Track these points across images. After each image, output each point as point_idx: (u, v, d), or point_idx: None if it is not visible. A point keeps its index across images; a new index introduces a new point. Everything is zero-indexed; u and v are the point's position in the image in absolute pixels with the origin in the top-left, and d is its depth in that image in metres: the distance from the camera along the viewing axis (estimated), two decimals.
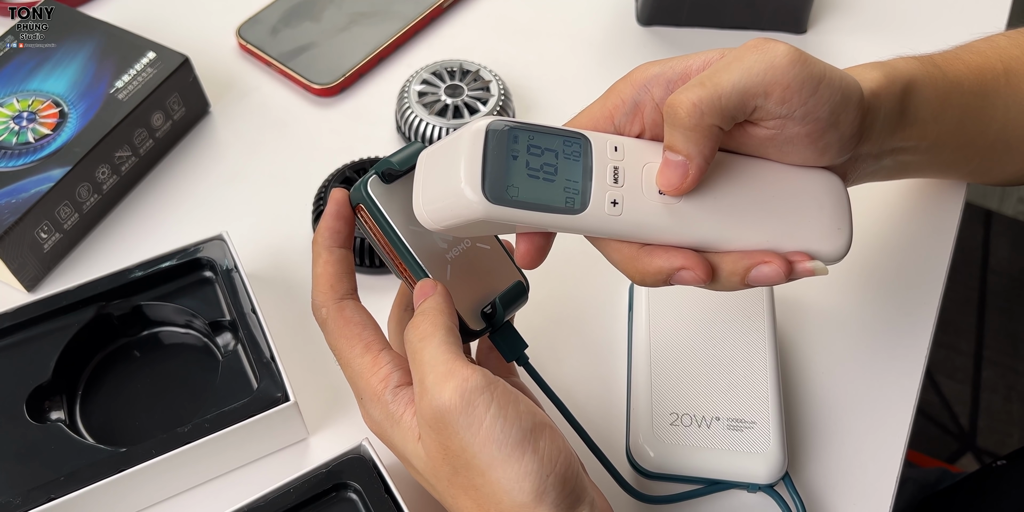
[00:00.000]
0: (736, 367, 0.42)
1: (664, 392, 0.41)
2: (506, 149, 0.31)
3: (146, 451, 0.38)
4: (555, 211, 0.31)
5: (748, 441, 0.40)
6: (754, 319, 0.43)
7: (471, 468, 0.31)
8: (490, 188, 0.31)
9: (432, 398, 0.30)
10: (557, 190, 0.32)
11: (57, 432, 0.39)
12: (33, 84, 0.50)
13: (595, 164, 0.32)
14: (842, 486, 0.42)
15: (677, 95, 0.31)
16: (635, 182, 0.33)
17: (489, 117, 0.32)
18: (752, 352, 0.42)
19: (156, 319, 0.44)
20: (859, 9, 0.61)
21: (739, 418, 0.40)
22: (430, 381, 0.31)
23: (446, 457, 0.31)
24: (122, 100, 0.50)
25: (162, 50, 0.52)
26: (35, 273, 0.47)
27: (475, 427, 0.30)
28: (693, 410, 0.41)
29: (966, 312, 1.38)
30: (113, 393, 0.43)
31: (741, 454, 0.40)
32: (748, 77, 0.31)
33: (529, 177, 0.31)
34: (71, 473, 0.37)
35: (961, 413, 1.30)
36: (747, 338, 0.43)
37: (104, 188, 0.50)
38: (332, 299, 0.35)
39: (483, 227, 0.32)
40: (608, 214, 0.32)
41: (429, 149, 0.33)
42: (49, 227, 0.47)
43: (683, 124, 0.31)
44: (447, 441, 0.31)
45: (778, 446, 0.40)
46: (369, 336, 0.34)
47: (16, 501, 0.37)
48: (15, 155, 0.47)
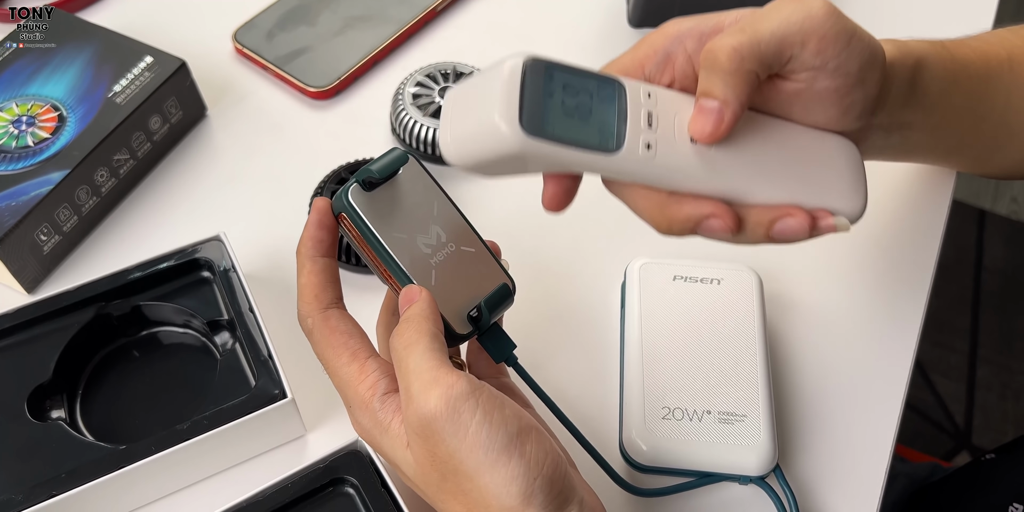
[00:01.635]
0: (727, 362, 0.43)
1: (656, 386, 0.42)
2: (542, 85, 0.31)
3: (146, 448, 0.38)
4: (591, 149, 0.31)
5: (739, 434, 0.41)
6: (744, 315, 0.44)
7: (459, 474, 0.31)
8: (527, 122, 0.30)
9: (418, 406, 0.31)
10: (592, 130, 0.31)
11: (58, 430, 0.40)
12: (32, 88, 0.51)
13: (629, 108, 0.32)
14: (832, 478, 0.43)
15: (716, 41, 0.32)
16: (668, 128, 0.33)
17: (521, 54, 0.32)
18: (742, 347, 0.43)
19: (155, 319, 0.45)
20: (852, 10, 0.61)
21: (730, 411, 0.41)
22: (416, 389, 0.31)
23: (434, 463, 0.32)
24: (120, 104, 0.50)
25: (159, 54, 0.52)
26: (35, 275, 0.48)
27: (461, 433, 0.30)
28: (685, 404, 0.41)
29: (960, 311, 1.39)
30: (113, 392, 0.43)
31: (732, 447, 0.40)
32: (787, 25, 0.32)
33: (564, 115, 0.31)
34: (72, 470, 0.38)
35: (956, 411, 1.30)
36: (737, 333, 0.43)
37: (103, 191, 0.50)
38: (317, 309, 0.35)
39: (514, 164, 0.31)
40: (642, 157, 0.32)
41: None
42: (49, 229, 0.47)
43: (723, 68, 0.32)
44: (434, 448, 0.31)
45: (768, 439, 0.41)
46: (355, 344, 0.34)
47: (18, 498, 0.37)
48: (15, 158, 0.48)
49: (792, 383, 0.45)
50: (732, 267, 0.46)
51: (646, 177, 0.33)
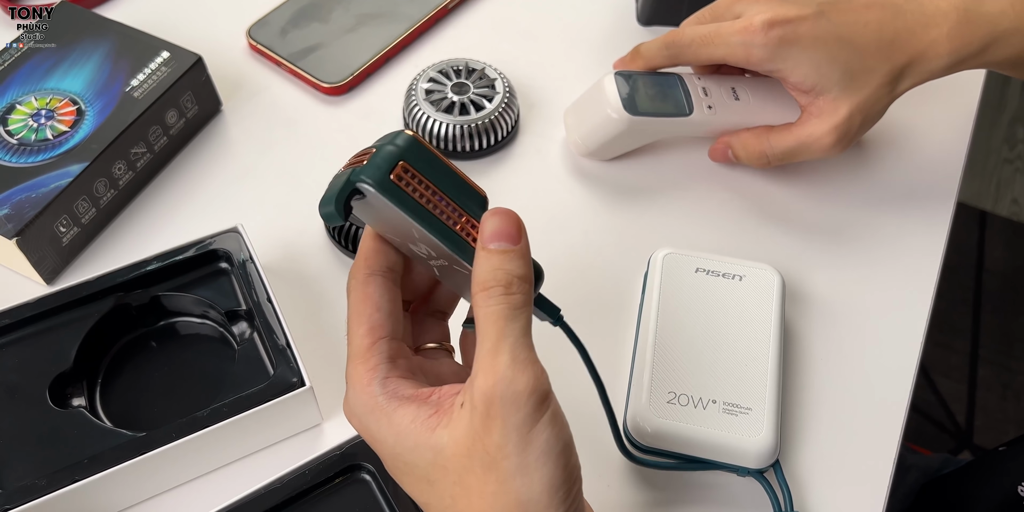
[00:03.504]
0: (738, 356, 0.43)
1: (665, 371, 0.43)
2: (628, 86, 0.49)
3: (166, 435, 0.39)
4: (672, 115, 0.49)
5: (742, 426, 0.41)
6: (762, 313, 0.45)
7: (496, 469, 0.29)
8: (627, 107, 0.49)
9: (504, 381, 0.28)
10: (669, 104, 0.50)
11: (79, 417, 0.41)
12: (51, 83, 0.52)
13: (689, 87, 0.50)
14: (838, 475, 0.43)
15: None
16: (718, 95, 0.51)
17: (609, 72, 0.50)
18: (756, 343, 0.44)
19: (173, 309, 0.46)
20: None
21: (735, 403, 0.42)
22: (506, 362, 0.28)
23: (472, 450, 0.29)
24: (137, 98, 0.51)
25: (176, 50, 0.53)
26: (54, 266, 0.49)
27: (526, 427, 0.28)
28: (691, 391, 0.42)
29: (961, 311, 1.39)
30: (132, 380, 0.44)
31: (734, 438, 0.41)
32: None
33: (648, 99, 0.49)
34: (93, 456, 0.39)
35: (958, 411, 1.31)
36: (753, 330, 0.44)
37: (120, 183, 0.51)
38: (363, 271, 0.33)
39: (626, 139, 0.51)
40: (707, 114, 0.50)
41: (570, 106, 0.53)
42: (68, 221, 0.48)
43: None
44: (488, 431, 0.28)
45: (771, 433, 0.41)
46: (378, 320, 0.32)
47: (41, 483, 0.38)
48: (34, 151, 0.49)
49: (802, 379, 0.46)
50: (755, 265, 0.46)
51: (713, 127, 0.51)
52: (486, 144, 0.54)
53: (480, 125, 0.53)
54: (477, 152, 0.54)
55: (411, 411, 0.30)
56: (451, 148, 0.53)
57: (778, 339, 0.44)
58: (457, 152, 0.54)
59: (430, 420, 0.30)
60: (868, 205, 0.53)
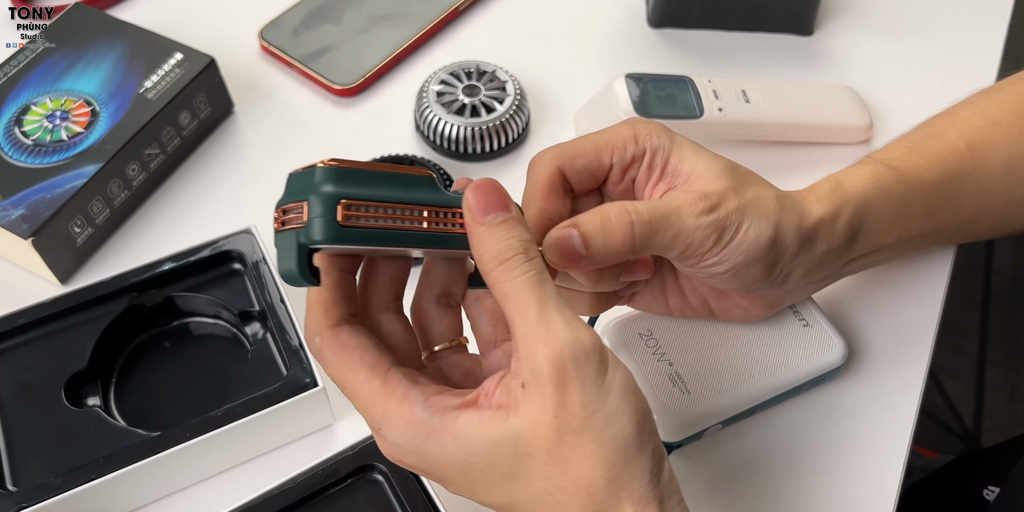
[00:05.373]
0: (734, 363, 0.42)
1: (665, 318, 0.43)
2: (638, 89, 0.50)
3: (180, 434, 0.39)
4: (683, 118, 0.50)
5: (671, 397, 0.41)
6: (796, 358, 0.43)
7: (588, 428, 0.28)
8: (638, 109, 0.49)
9: (570, 344, 0.27)
10: (680, 106, 0.50)
11: (94, 417, 0.41)
12: (65, 84, 0.52)
13: (700, 90, 0.51)
14: (849, 474, 0.43)
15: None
16: (729, 97, 0.51)
17: (620, 74, 0.50)
18: (759, 370, 0.42)
19: (187, 310, 0.46)
20: (865, 12, 0.63)
21: (684, 380, 0.41)
22: (560, 326, 0.28)
23: (556, 423, 0.28)
24: (151, 99, 0.51)
25: (189, 51, 0.53)
26: (68, 266, 0.49)
27: (601, 378, 0.28)
28: (664, 343, 0.42)
29: (970, 313, 1.39)
30: (145, 380, 0.44)
31: (656, 400, 0.41)
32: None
33: (659, 102, 0.50)
34: (108, 455, 0.39)
35: (966, 413, 1.31)
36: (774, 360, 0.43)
37: (134, 184, 0.51)
38: (326, 326, 0.30)
39: None
40: (719, 116, 0.50)
41: (581, 109, 0.53)
42: (82, 221, 0.48)
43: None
44: (568, 397, 0.28)
45: (687, 420, 0.41)
46: (371, 358, 0.30)
47: (57, 481, 0.38)
48: (49, 152, 0.49)
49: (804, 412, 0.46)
50: (829, 328, 0.44)
51: (723, 130, 0.51)
52: (497, 146, 0.54)
53: (491, 127, 0.53)
54: (488, 154, 0.54)
55: (472, 416, 0.29)
56: (462, 150, 0.54)
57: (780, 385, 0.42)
58: (468, 154, 0.54)
59: (497, 415, 0.29)
60: None
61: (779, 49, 0.60)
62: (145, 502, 0.41)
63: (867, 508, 0.42)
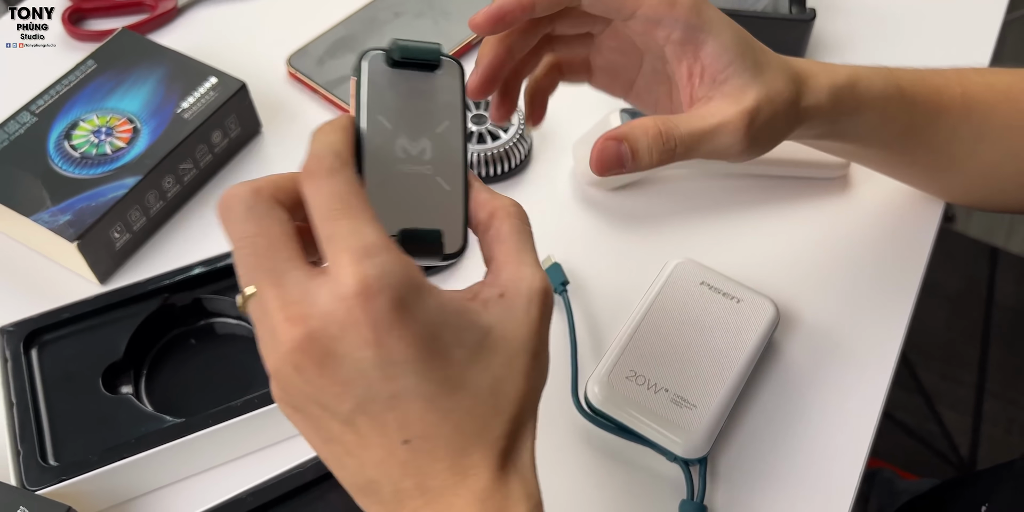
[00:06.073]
0: (707, 361, 0.47)
1: (636, 353, 0.47)
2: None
3: (203, 421, 0.44)
4: None
5: (682, 417, 0.45)
6: (745, 334, 0.48)
7: (541, 356, 0.31)
8: None
9: (543, 278, 0.31)
10: None
11: (127, 403, 0.46)
12: (111, 103, 0.57)
13: None
14: (773, 486, 0.47)
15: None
16: None
17: (615, 109, 0.55)
18: (727, 357, 0.47)
19: (213, 311, 0.51)
20: (850, 54, 0.67)
21: (685, 398, 0.46)
22: (537, 265, 0.32)
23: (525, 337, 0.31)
24: (187, 119, 0.56)
25: (223, 76, 0.58)
26: (107, 268, 0.54)
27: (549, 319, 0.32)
28: (651, 375, 0.46)
29: (970, 344, 1.40)
30: (173, 372, 0.49)
31: (671, 425, 0.45)
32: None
33: None
34: (139, 437, 0.43)
35: (962, 444, 1.32)
36: (729, 346, 0.48)
37: (168, 195, 0.56)
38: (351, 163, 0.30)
39: None
40: None
41: (579, 139, 0.57)
42: (121, 227, 0.53)
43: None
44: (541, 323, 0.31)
45: (705, 431, 0.45)
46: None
47: (94, 458, 0.43)
48: (95, 164, 0.54)
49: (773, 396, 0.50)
50: (755, 293, 0.50)
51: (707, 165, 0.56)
52: (501, 171, 0.59)
53: (496, 153, 0.58)
54: (492, 178, 0.59)
55: (456, 295, 0.30)
56: None
57: (748, 360, 0.48)
58: None
59: (472, 304, 0.30)
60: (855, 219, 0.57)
61: None
62: (170, 481, 0.46)
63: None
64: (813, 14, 0.62)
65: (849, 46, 0.68)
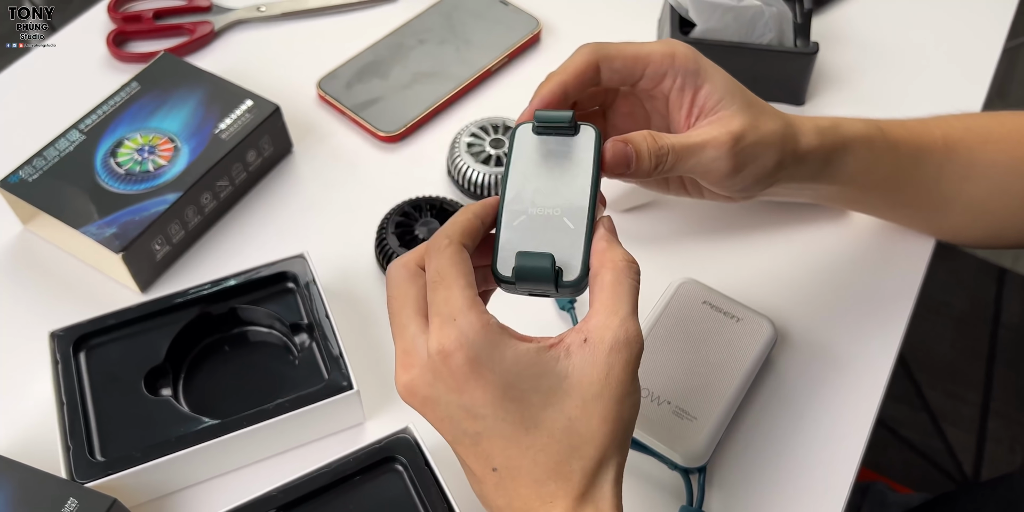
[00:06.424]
0: (707, 376, 0.50)
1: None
2: None
3: (238, 423, 0.47)
4: None
5: (683, 428, 0.48)
6: (743, 351, 0.51)
7: (626, 400, 0.35)
8: None
9: (636, 330, 0.35)
10: None
11: (167, 405, 0.49)
12: (153, 123, 0.61)
13: None
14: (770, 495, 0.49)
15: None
16: None
17: None
18: (727, 372, 0.50)
19: (246, 320, 0.54)
20: (852, 85, 0.70)
21: (686, 410, 0.49)
22: (634, 318, 0.35)
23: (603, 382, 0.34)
24: (224, 140, 0.60)
25: (258, 99, 0.62)
26: (148, 277, 0.57)
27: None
28: (654, 388, 0.49)
29: (975, 364, 1.41)
30: (210, 377, 0.52)
31: (672, 435, 0.48)
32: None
33: None
34: (179, 437, 0.47)
35: (965, 461, 1.32)
36: (728, 361, 0.51)
37: (206, 210, 0.60)
38: (458, 239, 0.36)
39: (639, 194, 0.58)
40: None
41: None
42: (162, 240, 0.57)
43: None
44: (624, 368, 0.35)
45: (705, 441, 0.48)
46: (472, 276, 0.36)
47: (137, 455, 0.46)
48: (138, 180, 0.58)
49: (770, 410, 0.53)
50: (754, 313, 0.53)
51: None
52: None
53: None
54: None
55: (532, 346, 0.35)
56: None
57: (746, 375, 0.51)
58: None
59: (552, 352, 0.35)
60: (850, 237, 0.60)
61: None
62: (206, 477, 0.49)
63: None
64: (816, 47, 0.65)
65: (852, 77, 0.70)
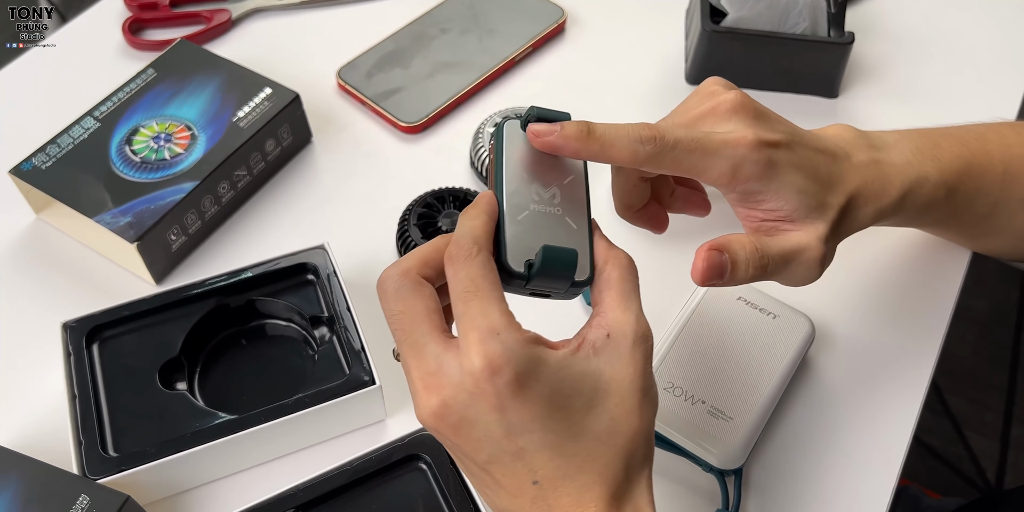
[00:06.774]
0: (743, 375, 0.48)
1: (674, 365, 0.48)
2: None
3: (256, 418, 0.46)
4: None
5: (719, 429, 0.46)
6: (781, 349, 0.49)
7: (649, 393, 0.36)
8: None
9: (646, 326, 0.36)
10: None
11: (182, 399, 0.47)
12: (170, 110, 0.60)
13: None
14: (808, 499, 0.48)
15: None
16: None
17: None
18: (764, 371, 0.49)
19: (265, 312, 0.52)
20: (887, 78, 0.68)
21: (722, 410, 0.47)
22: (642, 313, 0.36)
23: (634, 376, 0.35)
24: (242, 128, 0.59)
25: (277, 87, 0.61)
26: (163, 268, 0.56)
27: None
28: (689, 387, 0.48)
29: (999, 370, 1.40)
30: (226, 371, 0.51)
31: (707, 436, 0.46)
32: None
33: None
34: (194, 432, 0.45)
35: (988, 468, 1.31)
36: (765, 360, 0.49)
37: (223, 200, 0.58)
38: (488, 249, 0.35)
39: None
40: None
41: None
42: (178, 230, 0.56)
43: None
44: (646, 362, 0.35)
45: (741, 443, 0.46)
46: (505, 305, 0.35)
47: (152, 450, 0.44)
48: (154, 169, 0.56)
49: (807, 410, 0.51)
50: (792, 310, 0.51)
51: None
52: None
53: None
54: None
55: (564, 351, 0.34)
56: None
57: (784, 375, 0.49)
58: None
59: (581, 352, 0.34)
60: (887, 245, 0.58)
61: (806, 109, 0.66)
62: (222, 474, 0.47)
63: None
64: (852, 37, 0.63)
65: (887, 68, 0.69)
